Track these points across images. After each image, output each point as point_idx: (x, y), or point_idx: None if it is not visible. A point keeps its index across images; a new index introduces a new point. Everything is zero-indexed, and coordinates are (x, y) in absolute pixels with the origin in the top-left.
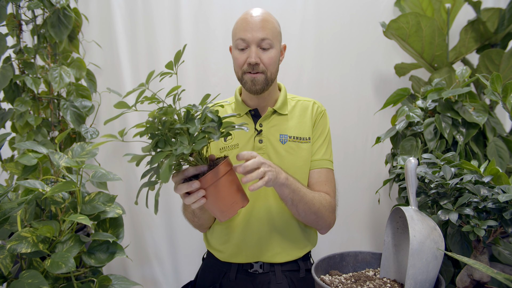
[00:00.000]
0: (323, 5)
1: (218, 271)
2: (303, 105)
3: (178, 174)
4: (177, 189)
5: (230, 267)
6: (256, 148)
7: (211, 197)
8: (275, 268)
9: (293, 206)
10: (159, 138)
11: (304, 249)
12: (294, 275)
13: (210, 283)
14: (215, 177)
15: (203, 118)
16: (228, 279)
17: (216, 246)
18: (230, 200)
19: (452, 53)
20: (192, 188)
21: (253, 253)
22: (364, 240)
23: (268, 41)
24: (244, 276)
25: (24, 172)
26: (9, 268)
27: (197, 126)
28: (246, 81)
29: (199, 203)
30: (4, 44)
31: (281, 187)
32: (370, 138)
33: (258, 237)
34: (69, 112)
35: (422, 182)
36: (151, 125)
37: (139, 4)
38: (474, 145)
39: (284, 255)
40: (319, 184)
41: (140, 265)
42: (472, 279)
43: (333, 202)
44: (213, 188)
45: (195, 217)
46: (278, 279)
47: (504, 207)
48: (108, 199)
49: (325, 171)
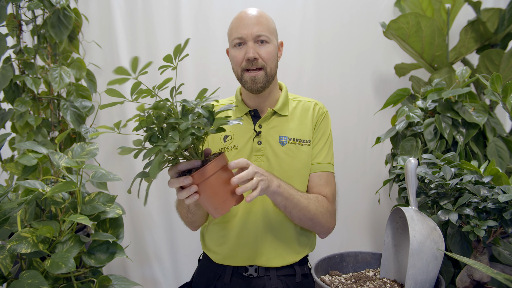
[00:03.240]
0: (323, 5)
1: (213, 274)
2: (305, 106)
3: (172, 168)
4: (170, 183)
5: (225, 269)
6: (254, 150)
7: (203, 193)
8: (270, 272)
9: (287, 212)
10: (152, 132)
11: (301, 253)
12: (290, 279)
13: (205, 285)
14: (206, 174)
15: (197, 113)
16: (222, 282)
17: (212, 247)
18: (222, 197)
19: (452, 54)
20: (185, 183)
21: (248, 256)
22: (364, 240)
23: (264, 36)
24: (238, 279)
25: (24, 172)
26: (9, 268)
27: (189, 121)
28: (246, 80)
29: (192, 198)
30: (4, 44)
31: (273, 195)
32: (370, 138)
33: (254, 240)
34: (69, 112)
35: (422, 182)
36: (147, 119)
37: (139, 4)
38: (474, 146)
39: (279, 259)
40: (319, 188)
41: (140, 265)
42: (472, 279)
43: (332, 207)
44: (204, 184)
45: (189, 213)
46: (273, 284)
47: (504, 207)
48: (108, 199)
49: (326, 174)
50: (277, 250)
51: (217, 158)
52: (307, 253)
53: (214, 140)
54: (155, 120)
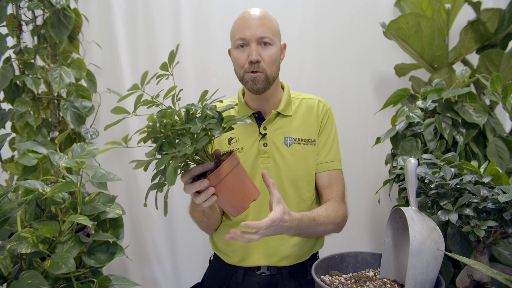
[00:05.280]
0: (323, 5)
1: (225, 273)
2: (308, 104)
3: (185, 174)
4: (186, 189)
5: (237, 269)
6: (261, 152)
7: (221, 194)
8: (282, 270)
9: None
10: (162, 141)
11: (312, 251)
12: (302, 277)
13: (217, 285)
14: (222, 174)
15: (203, 116)
16: (235, 281)
17: (224, 250)
18: (240, 194)
19: (452, 54)
20: (202, 187)
21: (260, 258)
22: (364, 240)
23: (268, 38)
24: (251, 278)
25: (24, 172)
26: (9, 268)
27: (198, 124)
28: (247, 81)
29: (210, 201)
30: (4, 44)
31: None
32: (370, 139)
33: (265, 242)
34: (69, 112)
35: (422, 182)
36: (153, 129)
37: (139, 4)
38: (474, 146)
39: (292, 259)
40: (330, 188)
41: (140, 266)
42: (472, 280)
43: (344, 208)
44: (221, 184)
45: (205, 217)
46: (285, 281)
47: (504, 207)
48: (108, 199)
49: (334, 172)
50: (289, 250)
51: (230, 157)
52: (317, 250)
53: (219, 142)
54: (162, 128)
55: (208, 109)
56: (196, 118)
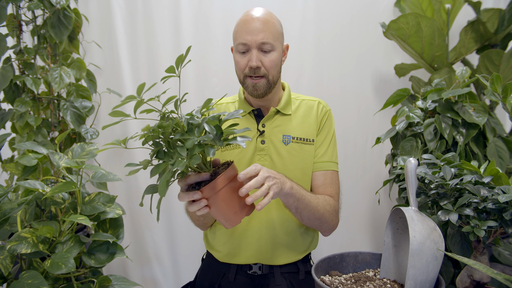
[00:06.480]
0: (323, 5)
1: (217, 272)
2: (308, 104)
3: (182, 180)
4: (180, 197)
5: (229, 268)
6: (258, 149)
7: (214, 206)
8: (274, 270)
9: (297, 213)
10: (159, 148)
11: (305, 251)
12: (294, 277)
13: (209, 284)
14: (216, 188)
15: (201, 129)
16: (227, 280)
17: (216, 245)
18: (233, 209)
19: (452, 54)
20: (194, 198)
21: (252, 255)
22: (364, 240)
23: (269, 44)
24: (243, 277)
25: (24, 172)
26: (9, 268)
27: (194, 138)
28: (247, 86)
29: (202, 211)
30: (4, 44)
31: (286, 197)
32: (370, 139)
33: (258, 239)
34: (69, 112)
35: (422, 182)
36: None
37: (139, 4)
38: (474, 146)
39: (284, 257)
40: (324, 187)
41: (140, 266)
42: (472, 280)
43: (337, 205)
44: (215, 197)
45: (201, 216)
46: (277, 281)
47: (504, 207)
48: (108, 199)
49: (330, 173)
50: (281, 248)
51: (226, 171)
52: (310, 250)
53: None
54: (161, 134)
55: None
56: (196, 128)
